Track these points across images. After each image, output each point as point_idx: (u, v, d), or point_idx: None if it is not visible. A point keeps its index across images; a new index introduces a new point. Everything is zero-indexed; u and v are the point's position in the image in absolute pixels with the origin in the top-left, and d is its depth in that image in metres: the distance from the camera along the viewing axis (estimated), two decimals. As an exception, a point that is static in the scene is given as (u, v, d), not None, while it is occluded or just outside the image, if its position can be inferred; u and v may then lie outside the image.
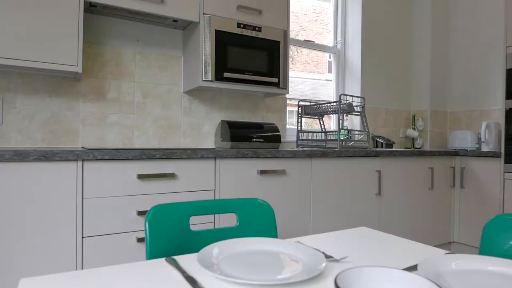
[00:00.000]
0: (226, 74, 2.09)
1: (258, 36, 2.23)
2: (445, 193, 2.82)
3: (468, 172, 2.78)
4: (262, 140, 2.27)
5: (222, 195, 1.83)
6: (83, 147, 1.92)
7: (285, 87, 2.35)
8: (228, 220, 1.84)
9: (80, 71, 1.74)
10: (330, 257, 0.75)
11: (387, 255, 0.79)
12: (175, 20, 2.12)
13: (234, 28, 2.14)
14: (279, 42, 2.31)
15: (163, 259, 0.72)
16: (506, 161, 2.53)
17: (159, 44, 2.28)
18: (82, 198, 1.52)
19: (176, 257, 0.73)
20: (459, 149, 2.99)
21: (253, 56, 2.20)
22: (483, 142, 2.87)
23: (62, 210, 1.48)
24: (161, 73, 2.28)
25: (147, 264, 0.69)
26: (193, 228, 0.96)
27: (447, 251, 0.81)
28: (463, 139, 3.05)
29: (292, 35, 3.04)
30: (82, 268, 1.51)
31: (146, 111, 2.23)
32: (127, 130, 2.18)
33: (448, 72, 3.48)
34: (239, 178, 1.88)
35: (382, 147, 2.96)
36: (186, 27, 2.28)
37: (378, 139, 2.99)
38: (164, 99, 2.29)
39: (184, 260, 0.72)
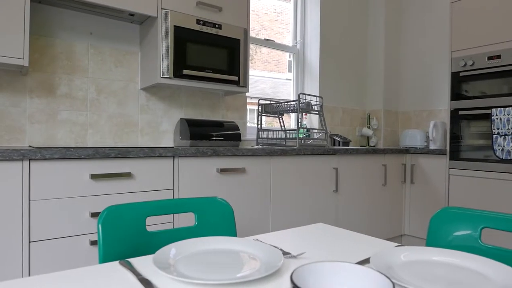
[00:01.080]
0: (185, 71, 2.06)
1: (218, 34, 2.21)
2: (397, 189, 2.97)
3: (417, 169, 2.95)
4: (222, 138, 2.26)
5: (181, 194, 1.80)
6: (30, 146, 1.80)
7: (245, 85, 2.35)
8: (188, 220, 1.81)
9: (26, 64, 1.63)
10: (288, 253, 0.76)
11: (343, 249, 0.82)
12: (131, 14, 2.05)
13: (193, 25, 2.11)
14: (239, 40, 2.30)
15: (116, 262, 0.70)
16: (450, 158, 2.71)
17: (115, 38, 2.19)
18: (29, 200, 1.42)
19: (131, 260, 0.71)
20: (410, 147, 3.16)
21: (213, 53, 2.18)
22: (431, 140, 3.06)
23: (6, 214, 1.37)
24: (116, 69, 2.19)
25: (99, 268, 0.66)
26: (150, 228, 0.93)
27: (397, 244, 0.85)
28: (413, 138, 3.23)
29: (253, 34, 3.04)
30: (29, 275, 1.42)
31: (100, 108, 2.14)
32: (80, 128, 2.07)
33: (400, 74, 3.67)
34: (199, 177, 1.86)
35: (339, 145, 3.06)
36: (143, 21, 2.21)
37: (335, 138, 3.09)
38: (120, 95, 2.20)
39: (139, 262, 0.70)
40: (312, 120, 3.25)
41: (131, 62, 2.24)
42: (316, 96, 2.57)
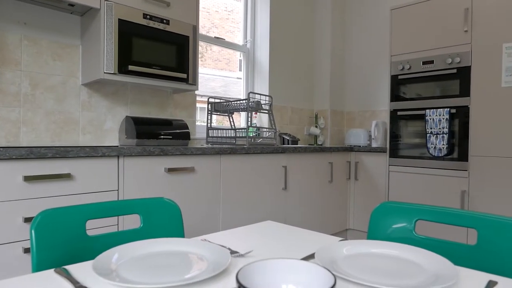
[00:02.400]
0: (131, 67, 1.97)
1: (166, 29, 2.15)
2: (342, 185, 3.11)
3: (361, 166, 3.11)
4: (171, 137, 2.20)
5: (126, 195, 1.73)
6: (-49, 146, 1.62)
7: (195, 83, 2.31)
8: (135, 222, 1.74)
9: None
10: (236, 252, 0.76)
11: (289, 246, 0.84)
12: (71, 4, 1.92)
13: (140, 19, 2.03)
14: (188, 37, 2.26)
15: (52, 270, 0.65)
16: (390, 156, 2.89)
17: (53, 29, 2.04)
18: (-50, 206, 1.28)
19: (68, 267, 0.66)
20: (354, 145, 3.32)
21: (161, 49, 2.12)
22: (373, 139, 3.24)
23: None
24: (54, 62, 2.04)
25: (33, 277, 0.61)
26: (92, 232, 0.88)
27: (341, 238, 0.89)
28: (357, 136, 3.39)
29: (203, 31, 3.00)
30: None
31: (35, 104, 1.98)
32: (12, 126, 1.90)
33: (345, 76, 3.84)
34: (146, 177, 1.79)
35: (288, 144, 3.12)
36: (85, 13, 2.08)
37: (284, 136, 3.15)
38: (58, 91, 2.06)
39: (77, 269, 0.65)
40: (262, 119, 3.29)
41: (71, 55, 2.10)
42: (266, 96, 2.60)
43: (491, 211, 2.39)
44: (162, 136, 2.16)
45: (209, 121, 2.70)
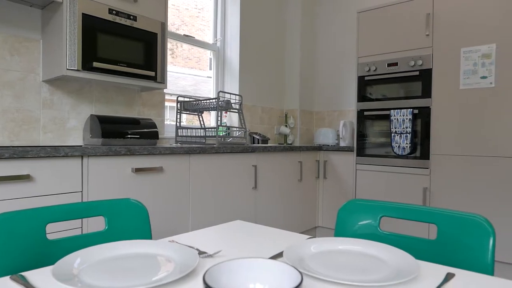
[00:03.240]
0: (95, 64, 1.90)
1: (133, 26, 2.09)
2: (311, 184, 3.16)
3: (329, 165, 3.17)
4: (138, 136, 2.15)
5: (91, 197, 1.67)
6: None
7: (163, 81, 2.27)
8: (100, 224, 1.68)
9: None
10: (204, 253, 0.75)
11: (258, 245, 0.84)
12: (30, -3, 1.82)
13: (105, 14, 1.96)
14: (157, 34, 2.21)
15: (7, 277, 0.61)
16: (357, 154, 2.97)
17: (10, 22, 1.93)
18: None
19: (26, 273, 0.63)
20: (323, 145, 3.39)
21: (128, 46, 2.06)
22: (341, 138, 3.32)
23: None
24: (12, 57, 1.93)
25: (-16, 286, 0.58)
26: (54, 236, 0.84)
27: (309, 236, 0.90)
28: (325, 136, 3.46)
29: (173, 28, 2.95)
30: None
31: (-9, 101, 1.87)
32: (-36, 124, 1.78)
33: (315, 76, 3.90)
34: (111, 177, 1.74)
35: (258, 143, 3.13)
36: (45, 6, 1.98)
37: (254, 136, 3.16)
38: (16, 88, 1.95)
39: (35, 275, 0.62)
40: (232, 119, 3.28)
41: (31, 50, 2.00)
42: (236, 95, 2.60)
43: (451, 207, 2.52)
44: (129, 136, 2.11)
45: (178, 120, 2.66)
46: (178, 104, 2.66)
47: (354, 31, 3.60)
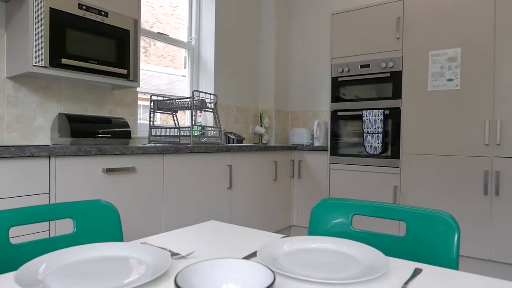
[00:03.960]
0: (64, 61, 1.83)
1: (104, 22, 2.03)
2: (286, 183, 3.19)
3: (304, 164, 3.21)
4: (110, 136, 2.09)
5: (59, 199, 1.61)
6: None
7: (136, 79, 2.22)
8: (70, 227, 1.62)
9: None
10: (177, 254, 0.74)
11: (232, 245, 0.84)
12: (-7, -11, 1.73)
13: (74, 9, 1.89)
14: (129, 31, 2.16)
15: (-35, 284, 0.58)
16: (331, 154, 3.03)
17: (-30, 15, 1.82)
18: None
19: (-14, 279, 0.60)
20: (297, 144, 3.42)
21: (99, 43, 2.00)
22: (315, 138, 3.37)
23: None
24: (-27, 52, 1.83)
25: None
26: (18, 240, 0.80)
27: (283, 235, 0.91)
28: (300, 136, 3.50)
29: (147, 26, 2.89)
30: None
31: (-50, 98, 1.76)
32: None
33: (289, 76, 3.94)
34: (81, 178, 1.68)
35: (233, 143, 3.13)
36: (9, -1, 1.89)
37: (229, 135, 3.15)
38: (-22, 84, 1.85)
39: (-3, 281, 0.59)
40: (207, 118, 3.26)
41: (-7, 45, 1.90)
42: (211, 94, 2.58)
43: (419, 204, 2.61)
44: (100, 135, 2.05)
45: (151, 119, 2.61)
46: (152, 103, 2.61)
47: (328, 32, 3.66)
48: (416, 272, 0.68)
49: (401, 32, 2.69)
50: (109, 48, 2.05)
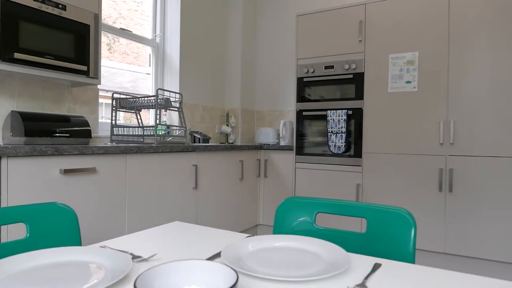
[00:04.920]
0: (17, 55, 1.73)
1: (62, 15, 1.94)
2: (253, 183, 3.20)
3: (270, 163, 3.24)
4: (68, 135, 2.00)
5: (12, 202, 1.51)
6: None
7: (97, 76, 2.13)
8: (23, 232, 1.53)
9: None
10: (139, 257, 0.72)
11: (197, 246, 0.82)
12: None
13: (29, 1, 1.79)
14: (89, 25, 2.07)
15: None
16: (296, 153, 3.07)
17: None
18: None
19: None
20: (264, 144, 3.44)
21: (56, 38, 1.90)
22: (281, 137, 3.40)
23: None
24: None
25: None
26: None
27: (248, 235, 0.91)
28: (266, 135, 3.52)
29: (109, 21, 2.79)
30: None
31: None
32: None
33: (256, 76, 3.95)
34: (36, 180, 1.59)
35: (199, 142, 3.09)
36: (-46, -12, 1.75)
37: (195, 135, 3.11)
38: None
39: None
40: (172, 117, 3.20)
41: None
42: (176, 93, 2.54)
43: (381, 201, 2.71)
44: (57, 134, 1.95)
45: (113, 118, 2.52)
46: (114, 101, 2.52)
47: (294, 33, 3.71)
48: (376, 267, 0.71)
49: (363, 35, 2.78)
50: (67, 43, 1.96)
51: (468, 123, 2.42)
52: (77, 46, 2.01)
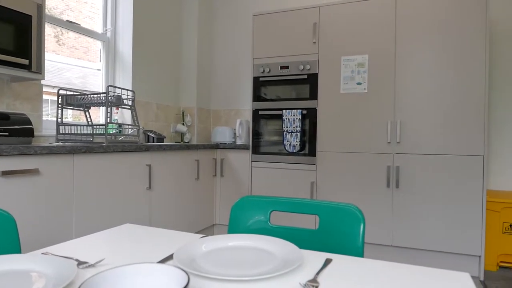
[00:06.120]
0: None
1: (0, 4, 1.78)
2: (209, 182, 3.17)
3: (226, 163, 3.23)
4: (7, 134, 1.85)
5: None
6: None
7: (40, 71, 2.00)
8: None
9: None
10: (85, 263, 0.68)
11: (148, 249, 0.80)
12: None
13: (-41, -13, 1.63)
14: (31, 16, 1.93)
15: None
16: (253, 152, 3.09)
17: None
18: None
19: None
20: (220, 143, 3.42)
21: (-8, 28, 1.75)
22: (238, 136, 3.40)
23: None
24: None
25: None
26: None
27: (203, 235, 0.89)
28: (223, 134, 3.51)
29: (56, 13, 2.61)
30: None
31: None
32: None
33: (212, 75, 3.92)
34: (-30, 182, 1.46)
35: (153, 142, 3.00)
36: None
37: (149, 134, 3.02)
38: None
39: None
40: (124, 115, 3.07)
41: None
42: (128, 90, 2.44)
43: (334, 198, 2.81)
44: (-6, 133, 1.79)
45: (60, 116, 2.37)
46: (60, 97, 2.37)
47: (249, 34, 3.72)
48: (327, 262, 0.73)
49: (317, 37, 2.86)
50: (6, 34, 1.81)
51: (412, 123, 2.57)
52: (17, 38, 1.86)
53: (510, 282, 2.39)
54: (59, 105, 2.37)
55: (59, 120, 2.37)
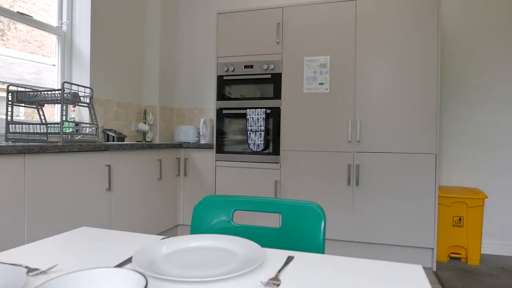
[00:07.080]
0: None
1: None
2: (172, 182, 3.11)
3: (190, 162, 3.18)
4: (-52, 132, 1.70)
5: None
6: None
7: (-13, 66, 1.86)
8: None
9: None
10: (36, 269, 0.64)
11: (105, 253, 0.77)
12: None
13: None
14: (-24, 7, 1.79)
15: None
16: (217, 151, 3.07)
17: None
18: None
19: None
20: (183, 142, 3.37)
21: None
22: (202, 135, 3.37)
23: None
24: None
25: None
26: None
27: (164, 237, 0.87)
28: (186, 133, 3.45)
29: (5, 4, 2.44)
30: None
31: None
32: None
33: (175, 73, 3.84)
34: None
35: (113, 141, 2.90)
36: None
37: (109, 133, 2.91)
38: None
39: None
40: (82, 114, 2.94)
41: None
42: (85, 87, 2.34)
43: (297, 197, 2.86)
44: None
45: (9, 114, 2.23)
46: (9, 94, 2.23)
47: (213, 32, 3.69)
48: (289, 259, 0.74)
49: (281, 37, 2.89)
50: None
51: (371, 123, 2.67)
52: (-41, 29, 1.72)
53: (459, 271, 2.55)
54: (9, 102, 2.22)
55: (9, 118, 2.22)
